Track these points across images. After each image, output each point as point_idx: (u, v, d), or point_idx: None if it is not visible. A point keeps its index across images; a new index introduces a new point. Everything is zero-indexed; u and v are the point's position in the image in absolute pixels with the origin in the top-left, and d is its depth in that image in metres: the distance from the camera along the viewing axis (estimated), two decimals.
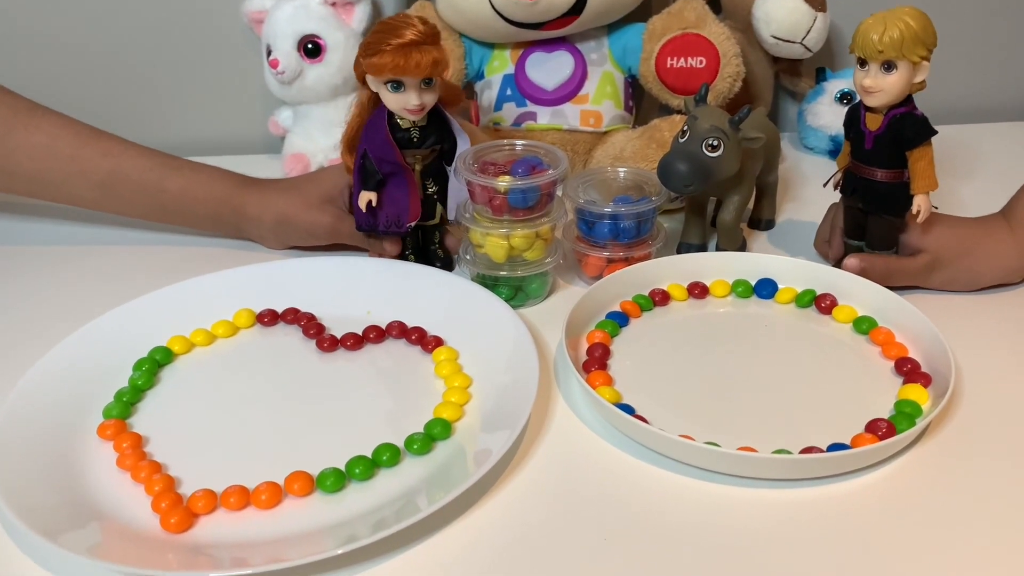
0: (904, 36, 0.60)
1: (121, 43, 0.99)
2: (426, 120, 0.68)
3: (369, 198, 0.69)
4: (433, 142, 0.69)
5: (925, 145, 0.64)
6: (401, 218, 0.70)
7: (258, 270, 0.72)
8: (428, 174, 0.70)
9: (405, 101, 0.65)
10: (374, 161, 0.68)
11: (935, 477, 0.53)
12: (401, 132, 0.68)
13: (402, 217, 0.70)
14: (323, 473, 0.52)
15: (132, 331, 0.65)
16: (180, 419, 0.59)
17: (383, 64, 0.63)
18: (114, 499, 0.52)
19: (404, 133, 0.68)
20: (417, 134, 0.68)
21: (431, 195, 0.71)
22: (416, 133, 0.68)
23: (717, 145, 0.67)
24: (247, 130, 1.03)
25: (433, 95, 0.66)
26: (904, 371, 0.60)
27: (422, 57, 0.63)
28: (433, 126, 0.69)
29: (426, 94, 0.65)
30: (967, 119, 1.05)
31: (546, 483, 0.53)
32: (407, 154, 0.68)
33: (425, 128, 0.68)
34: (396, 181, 0.69)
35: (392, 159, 0.68)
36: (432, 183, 0.71)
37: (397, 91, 0.65)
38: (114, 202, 0.77)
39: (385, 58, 0.62)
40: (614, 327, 0.66)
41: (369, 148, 0.68)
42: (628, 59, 0.88)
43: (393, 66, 0.62)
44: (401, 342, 0.66)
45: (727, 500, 0.51)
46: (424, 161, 0.70)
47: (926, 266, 0.69)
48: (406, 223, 0.70)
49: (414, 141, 0.68)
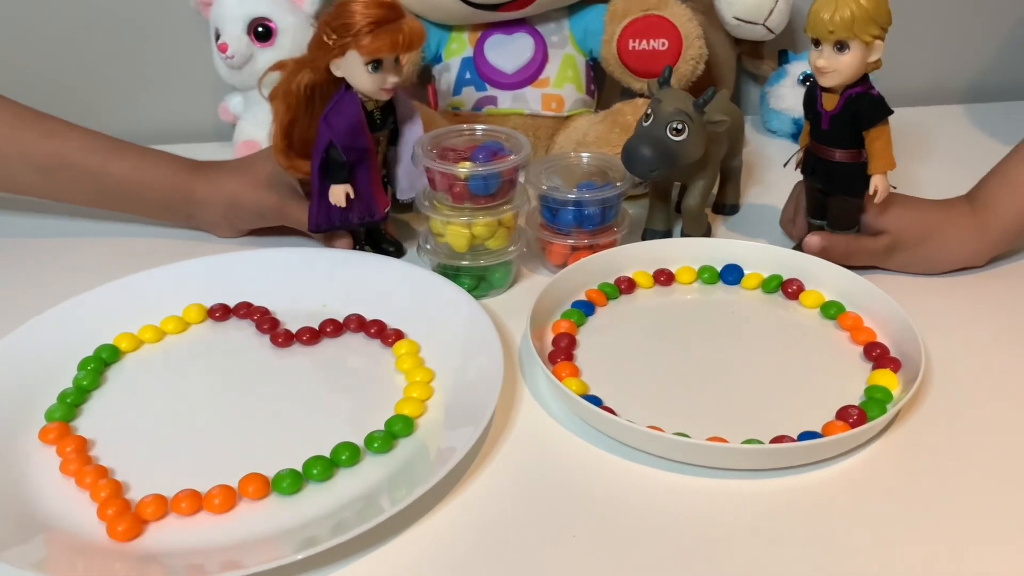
0: (855, 16, 0.59)
1: (65, 26, 0.95)
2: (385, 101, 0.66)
3: (346, 190, 0.65)
4: (392, 121, 0.67)
5: (882, 125, 0.63)
6: (373, 208, 0.68)
7: (208, 263, 0.69)
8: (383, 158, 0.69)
9: (383, 81, 0.63)
10: (342, 151, 0.64)
11: (907, 463, 0.52)
12: (366, 115, 0.65)
13: (373, 207, 0.68)
14: (279, 475, 0.50)
15: (76, 328, 0.62)
16: (127, 421, 0.56)
17: (380, 44, 0.60)
18: (58, 507, 0.49)
19: (369, 116, 0.65)
20: (379, 115, 0.66)
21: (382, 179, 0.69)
22: (378, 114, 0.66)
23: (682, 129, 0.66)
24: (197, 117, 0.99)
25: (401, 71, 0.64)
26: (873, 356, 0.60)
27: (412, 29, 0.61)
28: (388, 104, 0.67)
29: (399, 71, 0.64)
30: (923, 101, 1.05)
31: (513, 479, 0.51)
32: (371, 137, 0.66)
33: (384, 107, 0.66)
34: (359, 171, 0.66)
35: (362, 144, 0.65)
36: (382, 166, 0.69)
37: (377, 71, 0.62)
38: (56, 187, 0.73)
39: (383, 38, 0.60)
40: (580, 316, 0.64)
41: (336, 137, 0.64)
42: (589, 41, 0.86)
43: (391, 44, 0.60)
44: (360, 336, 0.64)
45: (698, 491, 0.50)
46: (383, 143, 0.67)
47: (887, 247, 0.68)
48: (380, 212, 0.68)
49: (377, 123, 0.66)
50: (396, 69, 0.63)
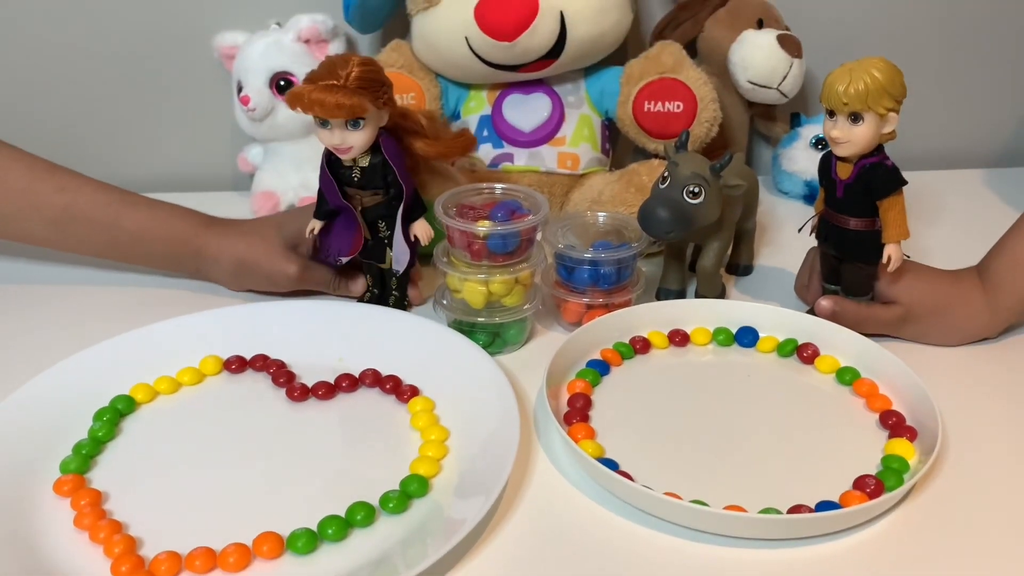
0: (869, 89, 0.60)
1: (89, 76, 0.96)
2: (369, 163, 0.66)
3: (313, 226, 0.69)
4: (376, 187, 0.67)
5: (895, 195, 0.63)
6: (341, 251, 0.70)
7: (225, 314, 0.69)
8: (380, 216, 0.69)
9: (329, 139, 0.64)
10: (321, 192, 0.68)
11: (924, 535, 0.52)
12: (343, 169, 0.67)
13: (342, 250, 0.70)
14: (294, 534, 0.50)
15: (92, 379, 0.62)
16: (143, 474, 0.56)
17: (299, 95, 0.61)
18: (71, 562, 0.49)
19: (346, 170, 0.67)
20: (359, 175, 0.67)
21: (382, 239, 0.70)
22: (357, 173, 0.67)
23: (698, 192, 0.67)
24: (216, 167, 1.01)
25: (361, 137, 0.64)
26: (889, 424, 0.59)
27: (339, 100, 0.61)
28: (377, 172, 0.67)
29: (350, 136, 0.64)
30: (933, 165, 1.06)
31: (528, 542, 0.51)
32: (349, 192, 0.67)
33: (368, 171, 0.67)
34: (346, 216, 0.69)
35: (332, 191, 0.67)
36: (386, 227, 0.69)
37: (324, 127, 0.64)
38: (68, 239, 0.74)
39: (303, 91, 0.61)
40: (595, 376, 0.65)
41: (319, 180, 0.68)
42: (605, 102, 0.87)
43: (309, 102, 0.61)
44: (375, 391, 0.64)
45: (716, 560, 0.50)
46: (364, 203, 0.68)
47: (899, 318, 0.68)
48: (342, 258, 0.70)
49: (355, 180, 0.67)
50: (348, 133, 0.63)
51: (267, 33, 0.89)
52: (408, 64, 0.86)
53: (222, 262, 0.74)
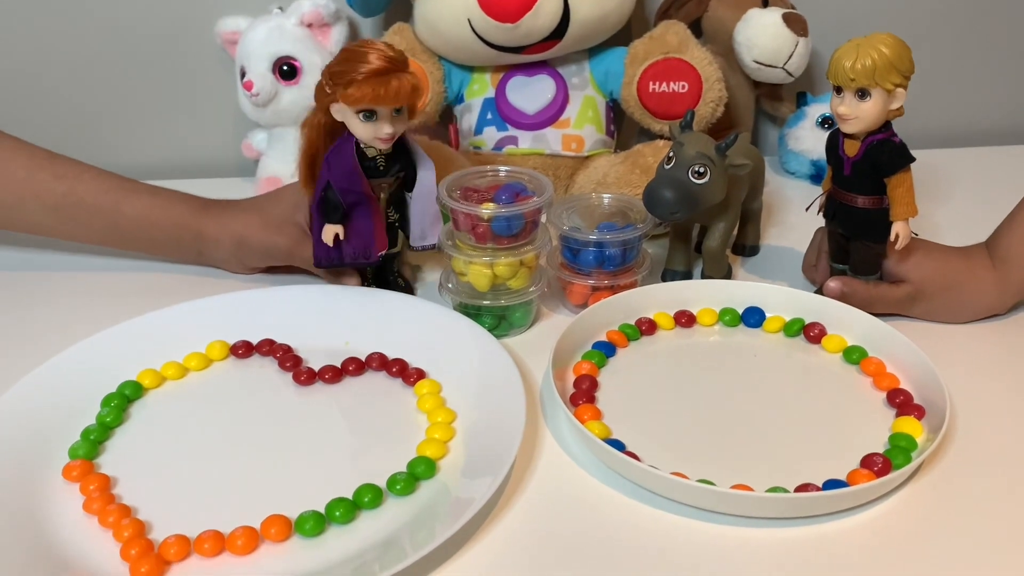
0: (876, 64, 0.60)
1: (93, 63, 0.96)
2: (391, 147, 0.66)
3: (336, 231, 0.66)
4: (398, 170, 0.67)
5: (903, 172, 0.63)
6: (369, 249, 0.68)
7: (232, 299, 0.69)
8: (390, 202, 0.69)
9: (377, 131, 0.63)
10: (339, 192, 0.65)
11: (932, 513, 0.52)
12: (367, 161, 0.65)
13: (370, 248, 0.68)
14: (302, 516, 0.50)
15: (100, 365, 0.62)
16: (151, 458, 0.56)
17: (362, 95, 0.60)
18: (81, 546, 0.49)
19: (371, 162, 0.66)
20: (383, 162, 0.66)
21: (393, 223, 0.69)
22: (382, 161, 0.66)
23: (704, 172, 0.66)
24: (221, 153, 1.01)
25: (403, 123, 0.64)
26: (896, 403, 0.59)
27: (401, 84, 0.61)
28: (397, 153, 0.67)
29: (398, 122, 0.63)
30: (943, 143, 1.06)
31: (536, 523, 0.51)
32: (373, 183, 0.66)
33: (390, 156, 0.66)
34: (360, 212, 0.67)
35: (359, 189, 0.65)
36: (393, 211, 0.69)
37: (369, 120, 0.62)
38: (70, 226, 0.74)
39: (364, 88, 0.60)
40: (601, 358, 0.64)
41: (333, 179, 0.65)
42: (610, 83, 0.87)
43: (373, 96, 0.60)
44: (381, 374, 0.64)
45: (723, 539, 0.50)
46: (389, 189, 0.68)
47: (908, 296, 0.68)
48: (375, 254, 0.68)
49: (380, 169, 0.66)
50: (395, 120, 0.63)
51: (269, 18, 0.89)
52: (411, 47, 0.85)
53: (223, 242, 0.74)
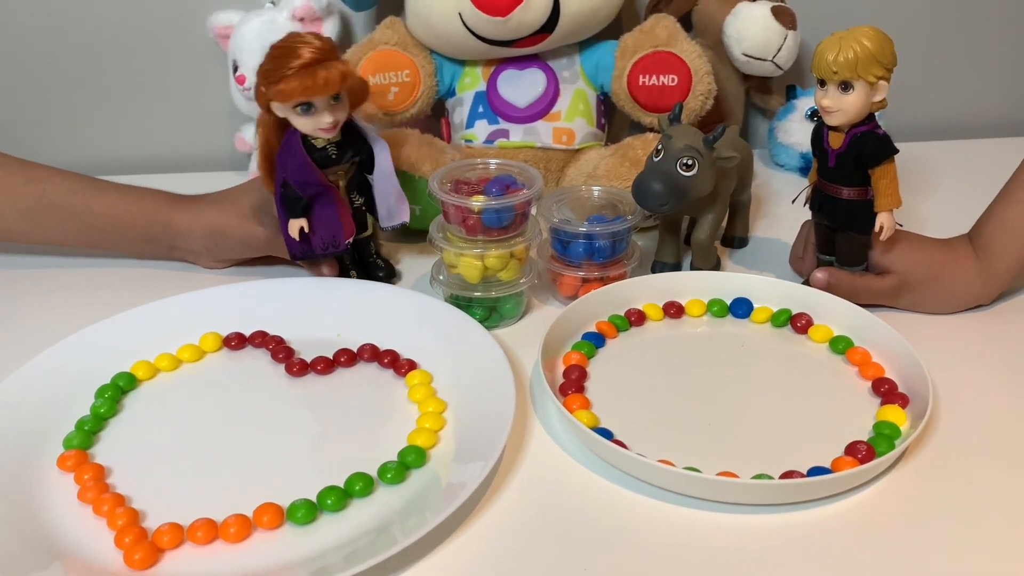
0: (859, 57, 0.60)
1: (85, 58, 0.96)
2: (340, 134, 0.66)
3: (300, 225, 0.67)
4: (352, 155, 0.68)
5: (887, 163, 0.64)
6: (337, 238, 0.69)
7: (224, 292, 0.70)
8: (352, 188, 0.69)
9: (317, 122, 0.63)
10: (295, 186, 0.66)
11: (915, 499, 0.52)
12: (318, 152, 0.66)
13: (337, 237, 0.69)
14: (294, 504, 0.51)
15: (94, 356, 0.63)
16: (144, 448, 0.57)
17: (291, 89, 0.61)
18: (75, 535, 0.50)
19: (321, 152, 0.66)
20: (335, 150, 0.67)
21: (359, 208, 0.70)
22: (333, 150, 0.67)
23: (692, 164, 0.67)
24: (213, 147, 1.01)
25: (343, 109, 0.65)
26: (881, 392, 0.60)
27: (329, 74, 0.61)
28: (348, 139, 0.67)
29: (337, 110, 0.64)
30: (927, 136, 1.07)
31: (525, 511, 0.52)
32: (328, 172, 0.67)
33: (341, 143, 0.67)
34: (322, 201, 0.68)
35: (315, 180, 0.66)
36: (357, 195, 0.70)
37: (307, 113, 0.63)
38: (43, 229, 0.75)
39: (292, 82, 0.60)
40: (590, 348, 0.65)
41: (287, 175, 0.66)
42: (600, 77, 0.87)
43: (302, 89, 0.61)
44: (373, 366, 0.65)
45: (708, 525, 0.51)
46: (347, 176, 0.68)
47: (893, 287, 0.69)
48: (343, 242, 0.69)
49: (333, 158, 0.67)
50: (334, 108, 0.63)
51: (261, 12, 0.89)
52: (402, 41, 0.86)
53: (196, 233, 0.75)
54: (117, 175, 0.83)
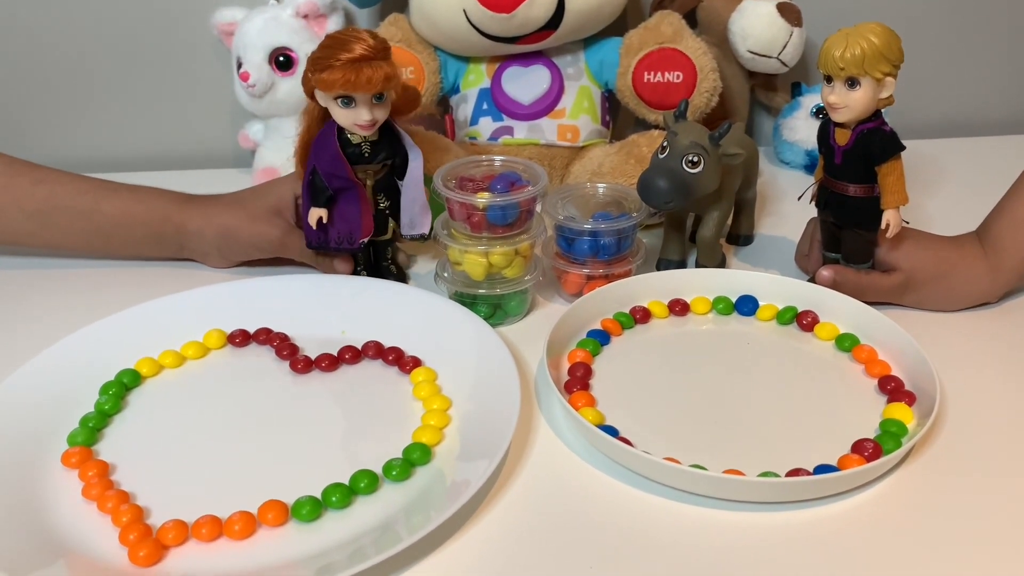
0: (866, 53, 0.60)
1: (90, 55, 0.96)
2: (377, 135, 0.66)
3: (320, 215, 0.67)
4: (384, 157, 0.68)
5: (894, 160, 0.63)
6: (353, 234, 0.69)
7: (229, 288, 0.70)
8: (379, 189, 0.69)
9: (356, 117, 0.64)
10: (323, 177, 0.66)
11: (922, 497, 0.52)
12: (352, 147, 0.66)
13: (354, 233, 0.69)
14: (299, 502, 0.50)
15: (98, 353, 0.63)
16: (149, 445, 0.57)
17: (333, 80, 0.61)
18: (80, 531, 0.50)
19: (355, 148, 0.66)
20: (368, 149, 0.67)
21: (383, 210, 0.70)
22: (367, 148, 0.67)
23: (697, 161, 0.67)
24: (217, 144, 1.01)
25: (384, 110, 0.65)
26: (888, 389, 0.60)
27: (373, 72, 0.61)
28: (384, 140, 0.67)
29: (377, 109, 0.64)
30: (935, 134, 1.06)
31: (530, 509, 0.52)
32: (358, 169, 0.67)
33: (376, 143, 0.67)
34: (347, 197, 0.68)
35: (343, 175, 0.66)
36: (384, 198, 0.70)
37: (347, 106, 0.63)
38: (50, 231, 0.74)
39: (335, 73, 0.61)
40: (595, 346, 0.65)
41: (318, 164, 0.66)
42: (605, 73, 0.87)
43: (344, 82, 0.61)
44: (378, 363, 0.65)
45: (714, 523, 0.51)
46: (375, 176, 0.68)
47: (900, 285, 0.68)
48: (358, 239, 0.69)
49: (365, 156, 0.67)
50: (375, 107, 0.64)
51: (265, 9, 0.89)
52: (407, 38, 0.86)
53: (206, 234, 0.75)
54: (120, 172, 0.83)
